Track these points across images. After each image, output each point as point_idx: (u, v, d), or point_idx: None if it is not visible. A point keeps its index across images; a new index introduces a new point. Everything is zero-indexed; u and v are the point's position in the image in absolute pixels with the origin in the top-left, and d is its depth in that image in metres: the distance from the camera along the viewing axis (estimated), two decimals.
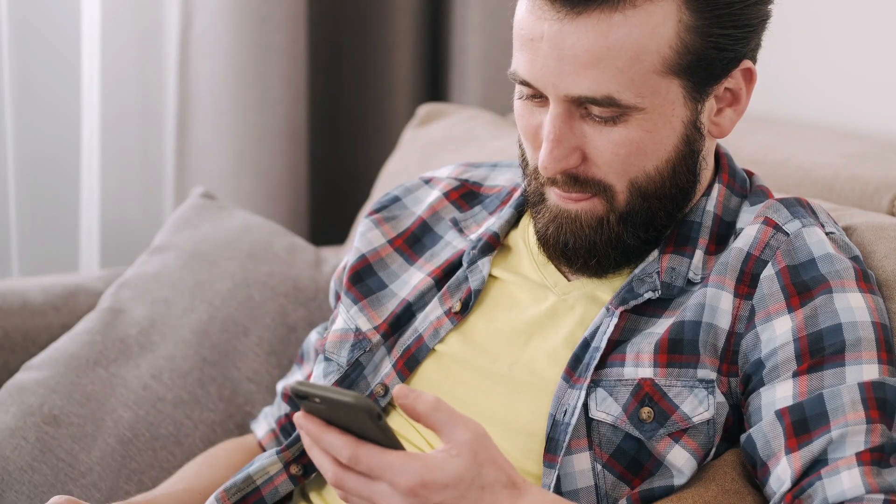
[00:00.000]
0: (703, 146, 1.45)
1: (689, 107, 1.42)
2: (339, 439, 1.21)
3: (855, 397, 1.36)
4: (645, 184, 1.43)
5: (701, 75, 1.41)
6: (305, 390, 1.18)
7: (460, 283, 1.54)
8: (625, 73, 1.37)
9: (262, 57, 2.39)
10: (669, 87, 1.40)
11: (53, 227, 2.47)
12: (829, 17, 2.20)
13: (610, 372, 1.42)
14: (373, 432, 1.19)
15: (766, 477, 1.38)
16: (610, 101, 1.38)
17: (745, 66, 1.44)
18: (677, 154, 1.43)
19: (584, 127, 1.41)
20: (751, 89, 1.46)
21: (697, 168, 1.46)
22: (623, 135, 1.40)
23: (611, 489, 1.40)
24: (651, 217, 1.44)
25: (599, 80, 1.37)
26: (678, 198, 1.45)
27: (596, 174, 1.42)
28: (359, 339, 1.55)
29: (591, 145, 1.41)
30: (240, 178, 2.43)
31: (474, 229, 1.58)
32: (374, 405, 1.17)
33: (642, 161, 1.41)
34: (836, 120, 2.18)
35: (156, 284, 1.96)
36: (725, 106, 1.45)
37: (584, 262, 1.46)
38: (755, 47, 1.45)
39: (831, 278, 1.42)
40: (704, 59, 1.40)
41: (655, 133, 1.41)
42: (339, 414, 1.19)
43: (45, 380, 1.84)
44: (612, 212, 1.44)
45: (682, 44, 1.39)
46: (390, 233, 1.62)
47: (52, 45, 2.39)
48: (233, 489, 1.52)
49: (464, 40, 2.52)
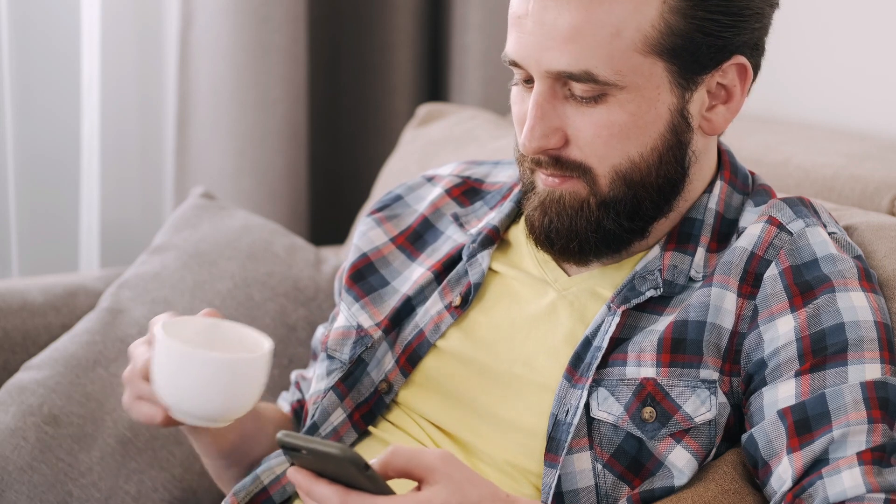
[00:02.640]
0: (691, 138, 1.44)
1: (676, 93, 1.41)
2: (328, 489, 1.22)
3: (857, 397, 1.36)
4: (629, 171, 1.42)
5: (687, 60, 1.40)
6: (293, 442, 1.20)
7: (460, 277, 1.54)
8: (604, 48, 1.37)
9: (262, 57, 2.39)
10: (653, 69, 1.39)
11: (53, 227, 2.47)
12: (829, 17, 2.20)
13: (612, 371, 1.42)
14: (361, 481, 1.20)
15: (768, 477, 1.38)
16: (588, 76, 1.38)
17: (739, 62, 1.43)
18: (664, 143, 1.42)
19: (567, 108, 1.41)
20: (745, 88, 1.45)
21: (686, 161, 1.45)
22: (604, 116, 1.40)
23: (611, 489, 1.40)
24: (636, 206, 1.43)
25: (578, 55, 1.37)
26: (665, 189, 1.44)
27: (577, 156, 1.42)
28: (360, 335, 1.55)
29: (574, 126, 1.41)
30: (240, 177, 2.43)
31: (475, 224, 1.58)
32: (359, 456, 1.18)
33: (625, 145, 1.41)
34: (836, 120, 2.18)
35: (156, 284, 1.96)
36: (719, 103, 1.45)
37: (564, 244, 1.45)
38: (751, 44, 1.43)
39: (834, 278, 1.42)
40: (690, 43, 1.39)
41: (639, 117, 1.40)
42: (327, 465, 1.21)
43: (44, 380, 1.84)
44: (592, 195, 1.43)
45: (666, 24, 1.38)
46: (392, 231, 1.62)
47: (52, 45, 2.39)
48: (241, 491, 1.53)
49: (464, 40, 2.52)
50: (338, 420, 1.52)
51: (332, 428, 1.52)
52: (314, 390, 1.57)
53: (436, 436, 1.48)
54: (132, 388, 1.44)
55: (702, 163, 1.48)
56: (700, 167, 1.48)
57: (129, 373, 1.44)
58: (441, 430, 1.49)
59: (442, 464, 1.23)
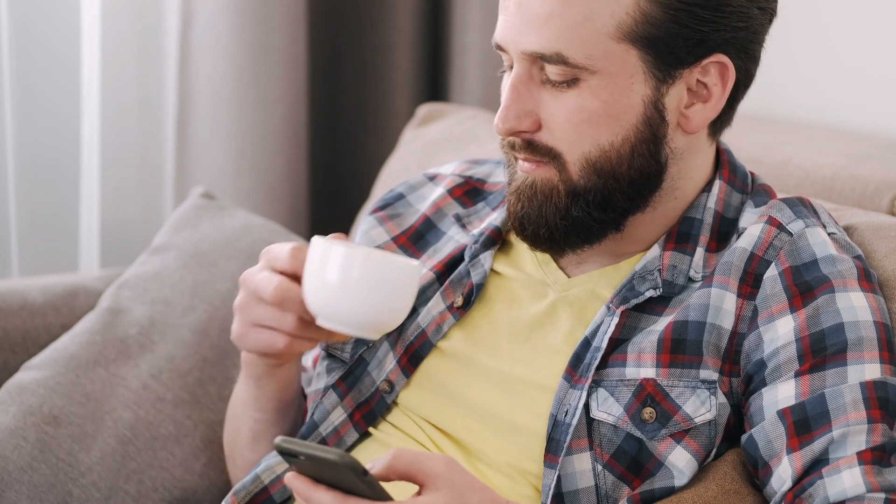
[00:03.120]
0: (666, 132, 1.44)
1: (650, 85, 1.41)
2: (327, 495, 1.22)
3: (856, 397, 1.36)
4: (598, 159, 1.42)
5: (662, 51, 1.40)
6: (291, 447, 1.20)
7: (462, 277, 1.54)
8: (576, 31, 1.38)
9: (262, 57, 2.39)
10: (626, 57, 1.39)
11: (53, 227, 2.47)
12: (829, 17, 2.20)
13: (612, 372, 1.42)
14: (359, 487, 1.21)
15: (768, 477, 1.38)
16: (559, 58, 1.39)
17: (720, 60, 1.42)
18: (637, 135, 1.42)
19: (542, 92, 1.42)
20: (726, 88, 1.43)
21: (663, 156, 1.44)
22: (576, 101, 1.40)
23: (611, 489, 1.40)
24: (607, 197, 1.43)
25: (550, 37, 1.39)
26: (638, 182, 1.44)
27: (548, 141, 1.42)
28: None
29: (547, 111, 1.42)
30: (240, 177, 2.43)
31: (477, 224, 1.58)
32: (357, 462, 1.18)
33: (595, 133, 1.41)
34: (836, 120, 2.18)
35: (156, 284, 1.96)
36: (699, 101, 1.44)
37: (534, 231, 1.45)
38: (737, 45, 1.42)
39: (833, 278, 1.42)
40: (666, 34, 1.39)
41: (611, 105, 1.40)
42: (325, 470, 1.21)
43: (44, 380, 1.84)
44: (562, 181, 1.43)
45: (641, 12, 1.38)
46: (394, 230, 1.62)
47: (52, 45, 2.39)
48: (242, 491, 1.53)
49: (464, 40, 2.52)
50: (338, 420, 1.52)
51: (333, 428, 1.52)
52: (314, 388, 1.57)
53: (436, 437, 1.48)
54: (248, 314, 1.42)
55: (688, 161, 1.47)
56: (686, 165, 1.47)
57: (243, 300, 1.42)
58: (441, 432, 1.49)
59: (445, 469, 1.24)
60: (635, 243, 1.49)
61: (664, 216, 1.48)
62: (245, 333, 1.43)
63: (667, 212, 1.48)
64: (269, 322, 1.41)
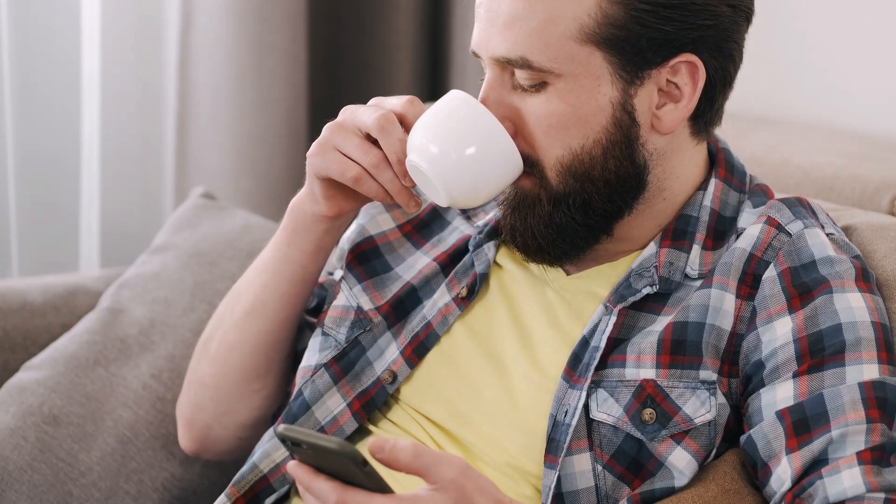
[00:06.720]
0: (639, 134, 1.43)
1: (618, 86, 1.41)
2: (327, 485, 1.22)
3: (855, 397, 1.36)
4: (571, 162, 1.42)
5: (628, 52, 1.39)
6: (293, 436, 1.20)
7: (467, 268, 1.54)
8: (539, 34, 1.38)
9: (262, 57, 2.39)
10: (591, 59, 1.39)
11: (53, 227, 2.47)
12: (829, 17, 2.20)
13: (611, 373, 1.42)
14: (359, 478, 1.21)
15: (767, 477, 1.38)
16: (524, 62, 1.39)
17: (689, 60, 1.41)
18: (608, 137, 1.42)
19: (514, 98, 1.42)
20: (696, 88, 1.42)
21: (639, 158, 1.44)
22: (544, 105, 1.40)
23: (611, 490, 1.40)
24: (586, 200, 1.43)
25: (515, 41, 1.39)
26: (616, 185, 1.43)
27: (524, 147, 1.42)
28: (359, 317, 1.55)
29: (518, 116, 1.42)
30: (240, 178, 2.43)
31: (482, 216, 1.59)
32: (357, 452, 1.18)
33: (565, 136, 1.41)
34: (836, 120, 2.18)
35: (156, 284, 1.96)
36: (670, 101, 1.43)
37: (524, 242, 1.46)
38: (709, 44, 1.41)
39: (832, 279, 1.42)
40: (630, 35, 1.39)
41: (578, 107, 1.40)
42: (327, 460, 1.21)
43: (44, 380, 1.84)
44: (543, 188, 1.43)
45: (603, 14, 1.38)
46: (400, 218, 1.62)
47: (52, 45, 2.39)
48: (242, 482, 1.53)
49: (464, 40, 2.52)
50: (338, 409, 1.52)
51: (332, 417, 1.52)
52: (304, 364, 1.56)
53: (436, 435, 1.48)
54: (335, 136, 1.45)
55: (671, 161, 1.46)
56: (670, 165, 1.46)
57: (338, 122, 1.45)
58: (441, 430, 1.49)
59: (459, 475, 1.24)
60: (631, 242, 1.49)
61: (656, 216, 1.48)
62: (324, 152, 1.46)
63: (658, 212, 1.48)
64: (352, 151, 1.44)
